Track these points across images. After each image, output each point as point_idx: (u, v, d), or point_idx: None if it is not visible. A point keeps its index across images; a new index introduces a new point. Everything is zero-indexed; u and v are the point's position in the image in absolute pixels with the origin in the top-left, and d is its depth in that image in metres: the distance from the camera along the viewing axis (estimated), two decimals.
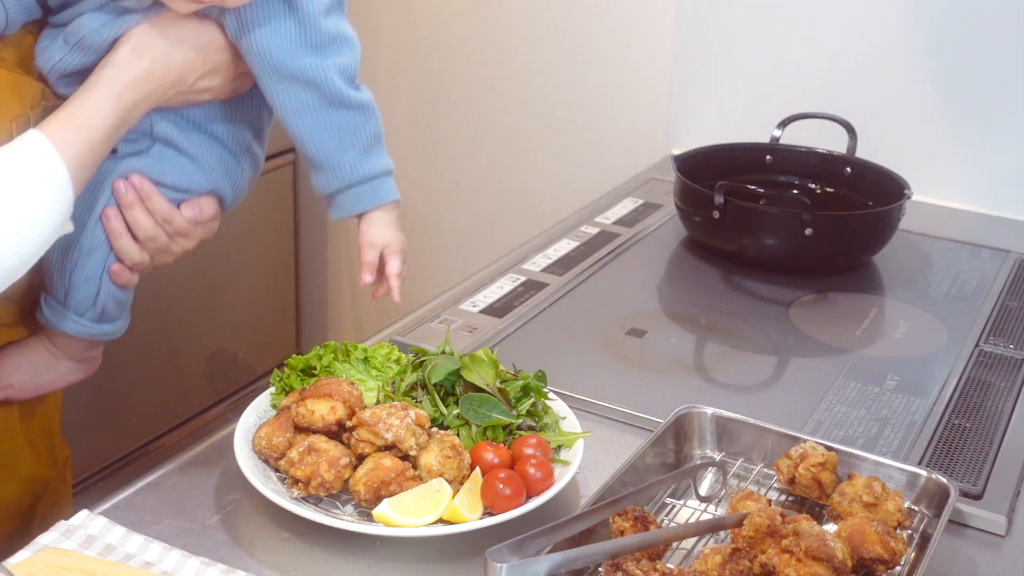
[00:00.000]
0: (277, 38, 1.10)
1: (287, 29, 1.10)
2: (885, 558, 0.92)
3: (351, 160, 1.15)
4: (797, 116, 1.80)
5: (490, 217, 2.47)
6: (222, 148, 1.18)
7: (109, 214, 1.14)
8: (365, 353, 1.18)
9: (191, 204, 1.16)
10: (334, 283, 2.78)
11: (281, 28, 1.10)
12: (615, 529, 0.95)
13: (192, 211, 1.16)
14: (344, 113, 1.14)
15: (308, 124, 1.13)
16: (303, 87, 1.12)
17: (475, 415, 1.09)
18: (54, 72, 1.09)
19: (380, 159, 1.18)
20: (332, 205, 1.18)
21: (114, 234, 1.15)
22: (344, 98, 1.13)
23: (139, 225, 1.15)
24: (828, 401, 1.27)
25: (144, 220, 1.15)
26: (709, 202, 1.58)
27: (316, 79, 1.11)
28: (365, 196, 1.17)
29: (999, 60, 1.83)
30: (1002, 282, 1.61)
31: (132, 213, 1.14)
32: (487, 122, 2.40)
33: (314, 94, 1.12)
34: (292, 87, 1.12)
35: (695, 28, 2.09)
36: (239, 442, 1.06)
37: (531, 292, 1.52)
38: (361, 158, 1.16)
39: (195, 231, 1.18)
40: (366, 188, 1.17)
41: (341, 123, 1.14)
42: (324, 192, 1.17)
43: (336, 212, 1.18)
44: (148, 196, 1.14)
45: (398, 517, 0.96)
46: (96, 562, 0.93)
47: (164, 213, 1.15)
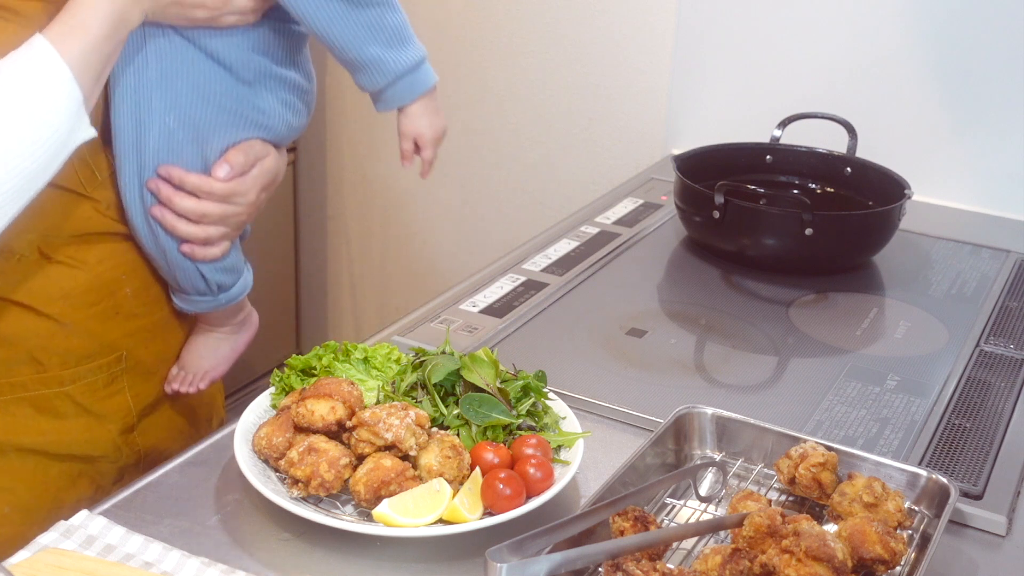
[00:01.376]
0: None
1: None
2: (885, 558, 0.92)
3: (391, 57, 1.18)
4: (797, 116, 1.80)
5: (490, 217, 2.47)
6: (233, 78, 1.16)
7: (155, 214, 1.16)
8: (365, 353, 1.18)
9: (219, 164, 1.16)
10: (334, 283, 2.78)
11: None
12: (615, 529, 0.95)
13: (223, 171, 1.16)
14: (370, 11, 1.15)
15: (341, 30, 1.14)
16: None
17: (475, 415, 1.09)
18: None
19: (415, 48, 1.21)
20: (379, 100, 1.21)
21: (171, 227, 1.16)
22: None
23: (188, 210, 1.16)
24: (828, 401, 1.27)
25: (188, 203, 1.15)
26: (709, 202, 1.58)
27: None
28: (409, 88, 1.20)
29: (999, 60, 1.83)
30: (1002, 282, 1.61)
31: (174, 203, 1.15)
32: (487, 122, 2.40)
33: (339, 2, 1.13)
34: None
35: (695, 28, 2.09)
36: (239, 442, 1.06)
37: (531, 292, 1.52)
38: (399, 52, 1.18)
39: (243, 185, 1.18)
40: (406, 81, 1.20)
41: (370, 21, 1.16)
42: (370, 89, 1.20)
43: (382, 106, 1.22)
44: (180, 180, 1.15)
45: (398, 517, 0.96)
46: (96, 562, 0.93)
47: (202, 188, 1.15)
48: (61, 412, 1.18)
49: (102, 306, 1.19)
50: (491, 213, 2.46)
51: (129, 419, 1.24)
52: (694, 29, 2.09)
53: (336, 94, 2.60)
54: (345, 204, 2.70)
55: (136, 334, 1.23)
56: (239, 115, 1.17)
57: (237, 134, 1.17)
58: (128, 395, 1.24)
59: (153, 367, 1.27)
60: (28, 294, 1.13)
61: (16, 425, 1.17)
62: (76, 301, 1.17)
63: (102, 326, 1.19)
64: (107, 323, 1.19)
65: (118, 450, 1.23)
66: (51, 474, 1.18)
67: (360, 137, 2.61)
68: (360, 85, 1.20)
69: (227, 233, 1.19)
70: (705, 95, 2.12)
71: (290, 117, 1.22)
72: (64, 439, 1.19)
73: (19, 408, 1.17)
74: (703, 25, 2.08)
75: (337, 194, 2.70)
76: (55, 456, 1.19)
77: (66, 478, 1.20)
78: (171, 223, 1.16)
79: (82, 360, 1.18)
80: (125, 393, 1.24)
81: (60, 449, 1.19)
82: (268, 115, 1.19)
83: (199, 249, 1.18)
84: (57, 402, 1.18)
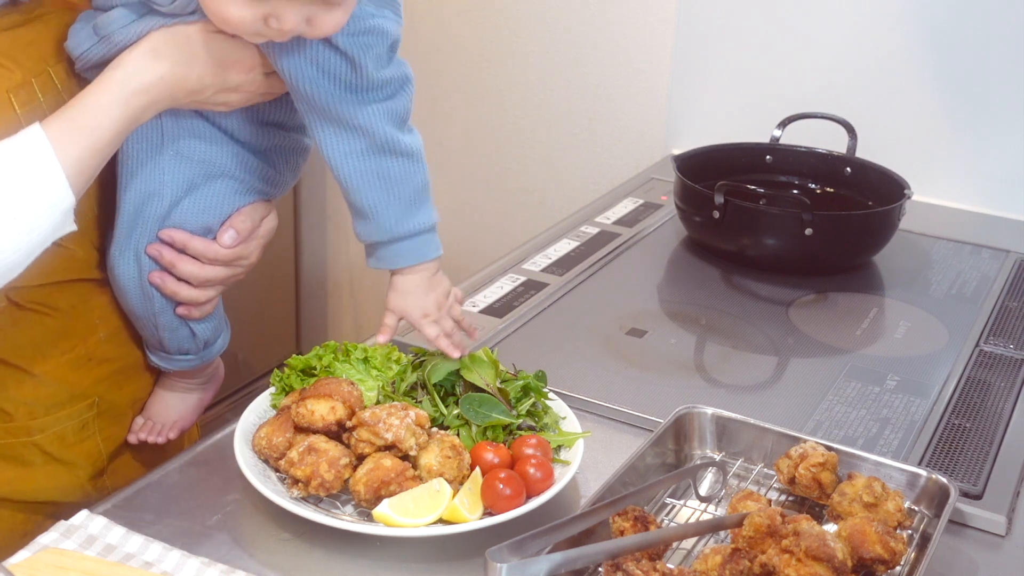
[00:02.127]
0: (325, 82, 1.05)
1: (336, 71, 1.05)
2: (885, 558, 0.92)
3: (396, 213, 1.10)
4: (797, 116, 1.80)
5: (490, 217, 2.47)
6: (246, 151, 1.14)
7: (155, 281, 1.13)
8: (365, 353, 1.18)
9: (225, 230, 1.14)
10: (334, 283, 2.78)
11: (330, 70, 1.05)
12: (615, 529, 0.95)
13: (229, 237, 1.14)
14: (393, 161, 1.09)
15: (353, 170, 1.08)
16: (350, 132, 1.07)
17: (475, 415, 1.09)
18: (80, 60, 1.07)
19: (426, 213, 1.12)
20: (372, 256, 1.15)
21: (172, 292, 1.14)
22: (393, 144, 1.08)
23: (191, 275, 1.14)
24: (828, 401, 1.27)
25: (192, 268, 1.13)
26: (709, 202, 1.58)
27: (365, 126, 1.07)
28: (405, 253, 1.12)
29: (999, 60, 1.83)
30: (1002, 282, 1.61)
31: (178, 269, 1.13)
32: (487, 122, 2.40)
33: (362, 140, 1.07)
34: (338, 131, 1.07)
35: (695, 28, 2.09)
36: (239, 442, 1.06)
37: (531, 292, 1.52)
38: (407, 212, 1.10)
39: (247, 248, 1.16)
40: (408, 245, 1.12)
41: (389, 171, 1.09)
42: (365, 241, 1.13)
43: (375, 263, 1.15)
44: (184, 245, 1.12)
45: (398, 517, 0.96)
46: (96, 562, 0.93)
47: (206, 254, 1.13)
48: (28, 460, 1.15)
49: (74, 353, 1.16)
50: (491, 213, 2.46)
51: (99, 463, 1.21)
52: (694, 29, 2.09)
53: None
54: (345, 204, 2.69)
55: (108, 379, 1.20)
56: (249, 185, 1.15)
57: (244, 200, 1.15)
58: (98, 439, 1.21)
59: (124, 409, 1.24)
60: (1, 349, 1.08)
61: None
62: (46, 349, 1.13)
63: (74, 374, 1.16)
64: (78, 371, 1.16)
65: (87, 495, 1.20)
66: (17, 521, 1.15)
67: None
68: (356, 232, 1.13)
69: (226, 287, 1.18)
70: (705, 95, 2.12)
71: (291, 178, 1.20)
72: (30, 487, 1.16)
73: None
74: (703, 25, 2.08)
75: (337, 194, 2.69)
76: (21, 504, 1.16)
77: (33, 524, 1.15)
78: (172, 289, 1.14)
79: (51, 409, 1.15)
80: (95, 438, 1.20)
81: (26, 497, 1.16)
82: (276, 181, 1.18)
83: (195, 310, 1.16)
84: (24, 451, 1.15)
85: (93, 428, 1.20)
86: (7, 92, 1.03)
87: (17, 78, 1.04)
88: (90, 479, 1.20)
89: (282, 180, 1.19)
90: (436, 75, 2.42)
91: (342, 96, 1.06)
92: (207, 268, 1.14)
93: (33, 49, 1.07)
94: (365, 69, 1.05)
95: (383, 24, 1.06)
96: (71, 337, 1.15)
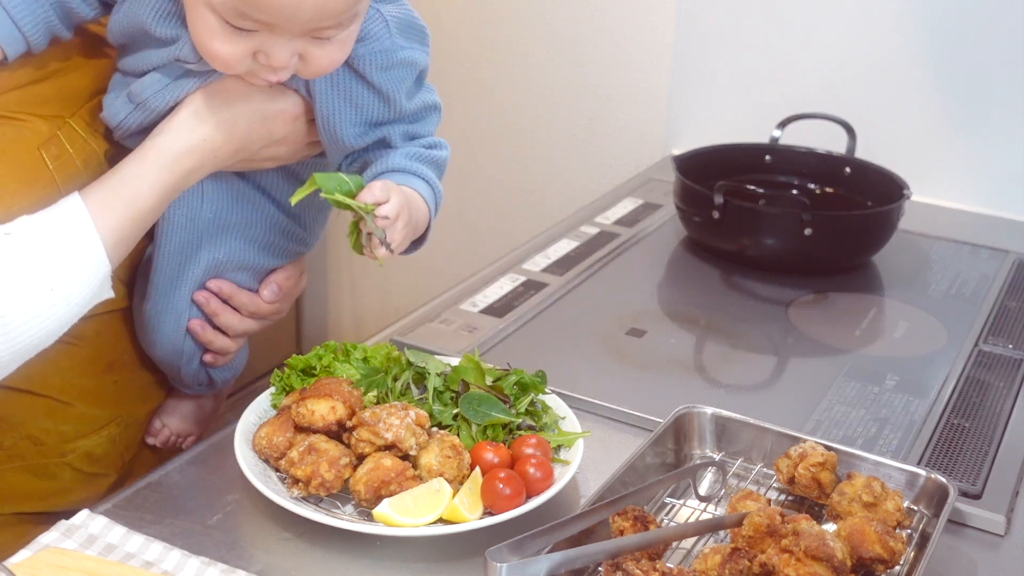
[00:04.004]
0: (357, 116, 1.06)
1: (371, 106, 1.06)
2: (884, 558, 0.92)
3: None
4: (797, 116, 1.80)
5: (490, 217, 2.47)
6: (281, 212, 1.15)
7: (194, 328, 1.15)
8: (365, 353, 1.18)
9: (267, 284, 1.16)
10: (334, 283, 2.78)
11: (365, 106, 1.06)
12: (615, 529, 0.95)
13: (270, 292, 1.16)
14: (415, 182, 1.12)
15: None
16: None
17: (475, 414, 1.09)
18: (119, 129, 1.06)
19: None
20: None
21: (208, 341, 1.16)
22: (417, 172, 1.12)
23: (230, 326, 1.15)
24: (828, 401, 1.27)
25: (234, 319, 1.15)
26: (709, 202, 1.58)
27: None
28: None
29: (999, 60, 1.83)
30: (1001, 282, 1.61)
31: (220, 319, 1.15)
32: (487, 122, 2.40)
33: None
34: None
35: (695, 28, 2.09)
36: (239, 442, 1.06)
37: (531, 292, 1.52)
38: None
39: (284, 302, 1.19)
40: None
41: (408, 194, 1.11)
42: None
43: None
44: (230, 296, 1.14)
45: (398, 517, 0.96)
46: (96, 562, 0.93)
47: (249, 307, 1.15)
48: (58, 476, 1.16)
49: (100, 379, 1.16)
50: (491, 213, 2.46)
51: (122, 469, 1.23)
52: (694, 29, 2.09)
53: None
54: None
55: (133, 398, 1.21)
56: (284, 248, 1.17)
57: (281, 261, 1.18)
58: (122, 449, 1.22)
59: (144, 418, 1.25)
60: (26, 379, 1.07)
61: (9, 488, 1.14)
62: (74, 378, 1.14)
63: (101, 399, 1.17)
64: (106, 395, 1.17)
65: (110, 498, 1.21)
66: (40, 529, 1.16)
67: None
68: None
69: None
70: (705, 95, 2.12)
71: (320, 232, 1.22)
72: (61, 501, 1.17)
73: (15, 475, 1.14)
74: (703, 25, 2.08)
75: None
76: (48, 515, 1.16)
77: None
78: (209, 337, 1.16)
79: (81, 432, 1.16)
80: (119, 449, 1.22)
81: (56, 508, 1.16)
82: (309, 238, 1.20)
83: (221, 358, 1.18)
84: (55, 469, 1.16)
85: (120, 442, 1.21)
86: (38, 149, 1.02)
87: (44, 132, 1.03)
88: (112, 485, 1.22)
89: (313, 236, 1.21)
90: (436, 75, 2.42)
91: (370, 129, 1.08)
92: (246, 321, 1.16)
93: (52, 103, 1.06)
94: (397, 103, 1.08)
95: (413, 56, 1.08)
96: (96, 363, 1.15)
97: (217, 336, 1.16)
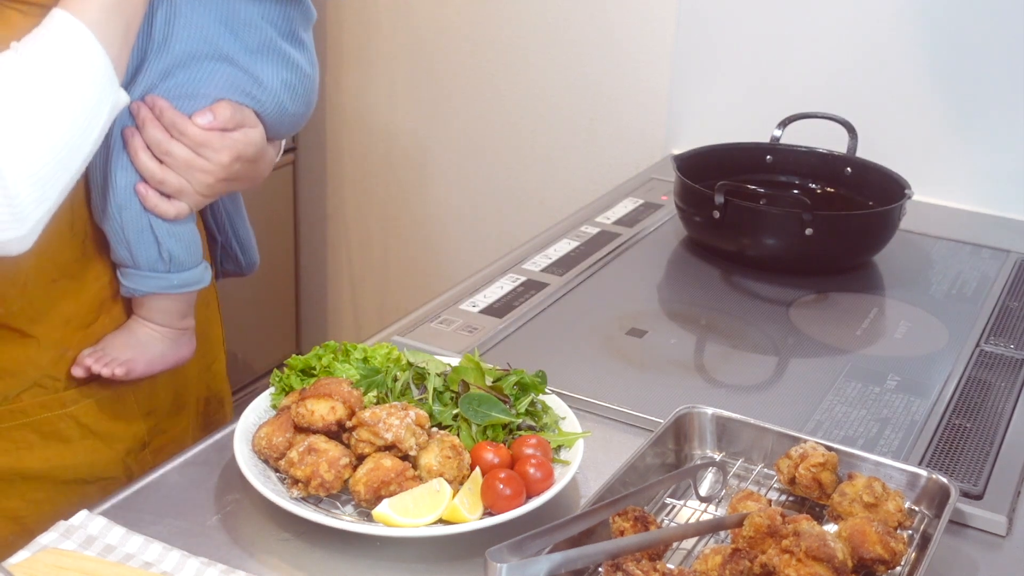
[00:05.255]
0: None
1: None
2: (885, 558, 0.92)
3: None
4: (797, 116, 1.80)
5: (490, 217, 2.47)
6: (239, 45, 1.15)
7: (125, 133, 1.13)
8: (365, 353, 1.18)
9: (202, 112, 1.13)
10: (334, 283, 2.78)
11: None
12: (615, 529, 0.95)
13: (204, 118, 1.13)
14: None
15: None
16: None
17: (475, 414, 1.09)
18: None
19: None
20: None
21: (133, 153, 1.13)
22: None
23: (155, 141, 1.13)
24: (828, 401, 1.27)
25: (159, 134, 1.13)
26: (709, 202, 1.58)
27: None
28: None
29: (999, 60, 1.83)
30: (1002, 282, 1.61)
31: (146, 131, 1.13)
32: (487, 122, 2.40)
33: None
34: None
35: (695, 28, 2.09)
36: (239, 442, 1.06)
37: (531, 292, 1.52)
38: None
39: (218, 141, 1.14)
40: None
41: None
42: None
43: None
44: (161, 111, 1.13)
45: (398, 517, 0.96)
46: (96, 562, 0.93)
47: (176, 124, 1.13)
48: (66, 436, 1.17)
49: (99, 323, 1.18)
50: (491, 213, 2.46)
51: (140, 437, 1.23)
52: (694, 30, 2.09)
53: (336, 94, 2.60)
54: (345, 204, 2.70)
55: None
56: (236, 83, 1.15)
57: (234, 96, 1.15)
58: (137, 413, 1.22)
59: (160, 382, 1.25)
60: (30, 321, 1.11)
61: (20, 452, 1.15)
62: (76, 322, 1.16)
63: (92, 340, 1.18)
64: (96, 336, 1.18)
65: (128, 470, 1.21)
66: (58, 500, 1.16)
67: (360, 137, 2.61)
68: None
69: (186, 192, 1.15)
70: (705, 95, 2.12)
71: (286, 99, 1.18)
72: (71, 463, 1.17)
73: (22, 434, 1.15)
74: (703, 26, 2.08)
75: (337, 194, 2.70)
76: (62, 482, 1.17)
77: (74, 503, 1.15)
78: (134, 149, 1.13)
79: (86, 380, 1.17)
80: (134, 411, 1.22)
81: (67, 475, 1.17)
82: (264, 89, 1.16)
83: (152, 195, 1.14)
84: (61, 425, 1.16)
85: (130, 400, 1.21)
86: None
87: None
88: (129, 453, 1.21)
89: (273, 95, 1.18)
90: (436, 75, 2.42)
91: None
92: (173, 142, 1.13)
93: None
94: None
95: None
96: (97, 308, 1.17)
97: (142, 151, 1.13)
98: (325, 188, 2.71)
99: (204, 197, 1.17)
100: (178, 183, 1.14)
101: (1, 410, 1.14)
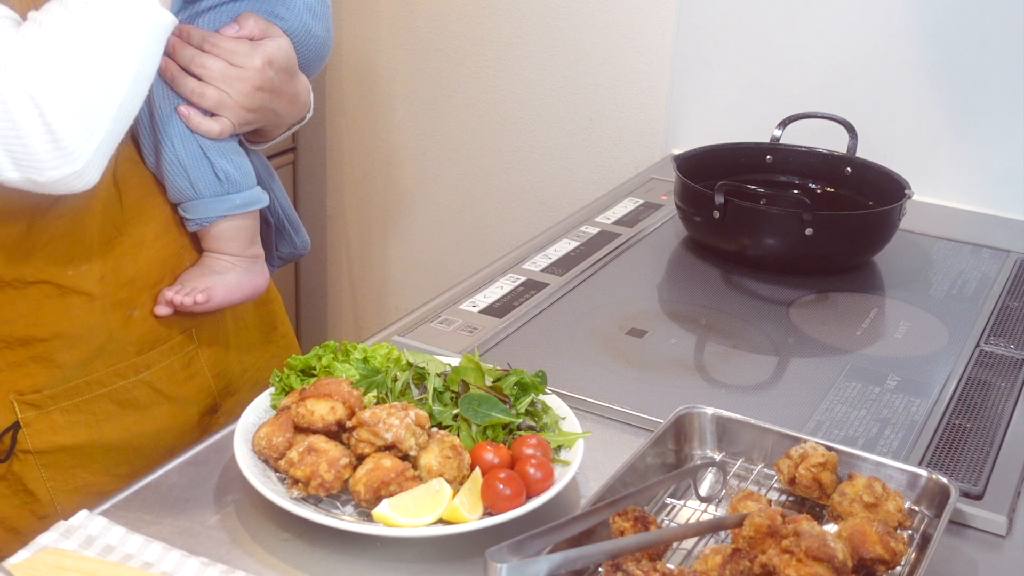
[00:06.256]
0: None
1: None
2: (886, 558, 0.92)
3: None
4: (797, 116, 1.80)
5: (490, 217, 2.47)
6: None
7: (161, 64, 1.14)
8: (365, 353, 1.18)
9: (229, 24, 1.18)
10: (334, 283, 2.78)
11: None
12: (615, 529, 0.95)
13: (231, 29, 1.18)
14: None
15: None
16: None
17: (475, 415, 1.09)
18: None
19: None
20: None
21: (171, 79, 1.16)
22: None
23: (187, 59, 1.16)
24: (828, 401, 1.27)
25: (190, 52, 1.16)
26: (709, 202, 1.58)
27: None
28: None
29: (999, 60, 1.83)
30: (1003, 282, 1.61)
31: (178, 52, 1.16)
32: (487, 122, 2.40)
33: None
34: None
35: (695, 28, 2.09)
36: (239, 442, 1.06)
37: (531, 292, 1.52)
38: None
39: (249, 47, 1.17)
40: None
41: None
42: None
43: None
44: (189, 33, 1.16)
45: (398, 517, 0.96)
46: (96, 562, 0.93)
47: (206, 38, 1.16)
48: (141, 403, 1.19)
49: (164, 284, 1.20)
50: (491, 213, 2.46)
51: (210, 399, 1.25)
52: (694, 29, 2.09)
53: (336, 94, 2.60)
54: (345, 204, 2.70)
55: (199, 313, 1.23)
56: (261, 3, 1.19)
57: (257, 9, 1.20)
58: (208, 375, 1.25)
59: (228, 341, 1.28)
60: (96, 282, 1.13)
61: (100, 423, 1.17)
62: (140, 283, 1.18)
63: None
64: None
65: (204, 432, 1.23)
66: (137, 468, 1.17)
67: (360, 137, 2.61)
68: None
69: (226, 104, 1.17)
70: (705, 95, 2.12)
71: (310, 20, 1.23)
72: (148, 429, 1.19)
73: (99, 405, 1.17)
74: (703, 25, 2.08)
75: (337, 194, 2.70)
76: (139, 449, 1.19)
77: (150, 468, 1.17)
78: (171, 73, 1.16)
79: (155, 344, 1.19)
80: (204, 374, 1.24)
81: (145, 441, 1.19)
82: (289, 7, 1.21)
83: (195, 114, 1.17)
84: (136, 393, 1.18)
85: (200, 363, 1.24)
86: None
87: None
88: (201, 416, 1.24)
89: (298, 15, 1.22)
90: (436, 75, 2.42)
91: None
92: (205, 56, 1.16)
93: None
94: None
95: None
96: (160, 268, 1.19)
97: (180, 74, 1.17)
98: (325, 188, 2.71)
99: (245, 110, 1.19)
100: (217, 95, 1.17)
101: (78, 382, 1.15)
